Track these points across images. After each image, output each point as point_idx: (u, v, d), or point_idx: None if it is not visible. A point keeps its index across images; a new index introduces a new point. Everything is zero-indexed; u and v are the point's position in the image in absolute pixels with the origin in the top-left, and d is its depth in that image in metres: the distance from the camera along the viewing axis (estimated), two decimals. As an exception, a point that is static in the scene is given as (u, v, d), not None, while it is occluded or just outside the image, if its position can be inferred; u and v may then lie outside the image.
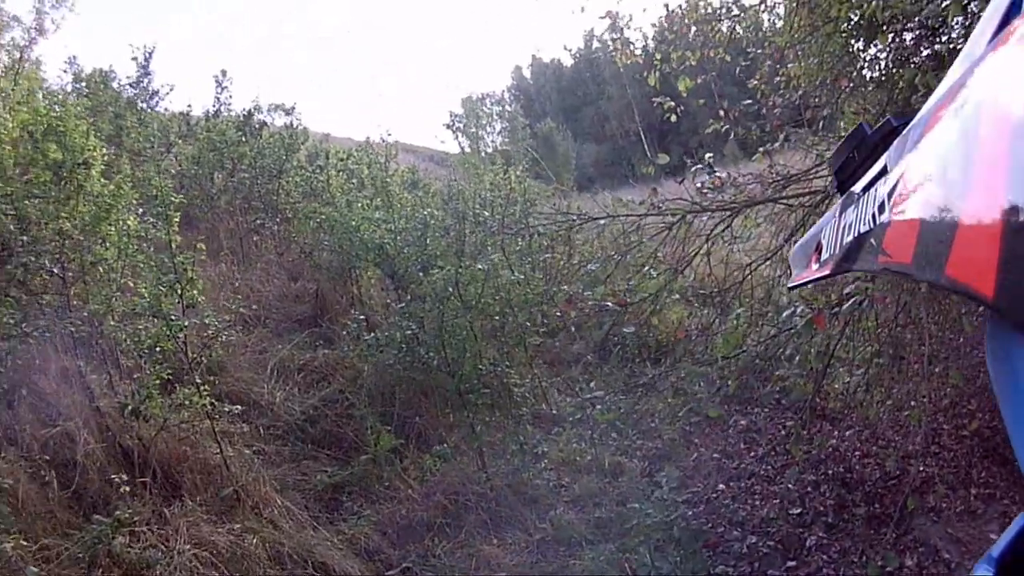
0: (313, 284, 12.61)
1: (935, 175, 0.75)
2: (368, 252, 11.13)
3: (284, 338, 10.96)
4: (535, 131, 44.94)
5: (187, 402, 7.40)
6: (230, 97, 16.15)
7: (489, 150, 42.85)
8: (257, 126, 15.30)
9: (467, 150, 36.89)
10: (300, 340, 10.91)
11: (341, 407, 9.71)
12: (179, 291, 7.49)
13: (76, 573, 6.11)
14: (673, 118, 9.16)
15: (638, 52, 10.30)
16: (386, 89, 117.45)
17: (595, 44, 60.09)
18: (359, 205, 11.79)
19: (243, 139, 14.47)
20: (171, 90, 16.22)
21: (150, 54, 16.30)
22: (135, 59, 16.21)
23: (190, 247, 8.23)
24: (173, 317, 7.41)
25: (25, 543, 5.81)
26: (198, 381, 7.58)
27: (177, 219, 7.92)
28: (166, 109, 16.55)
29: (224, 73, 16.36)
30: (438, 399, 9.78)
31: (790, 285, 1.65)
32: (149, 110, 15.98)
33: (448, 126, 42.03)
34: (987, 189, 0.58)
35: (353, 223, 11.09)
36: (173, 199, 7.91)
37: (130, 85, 16.17)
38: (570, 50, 67.59)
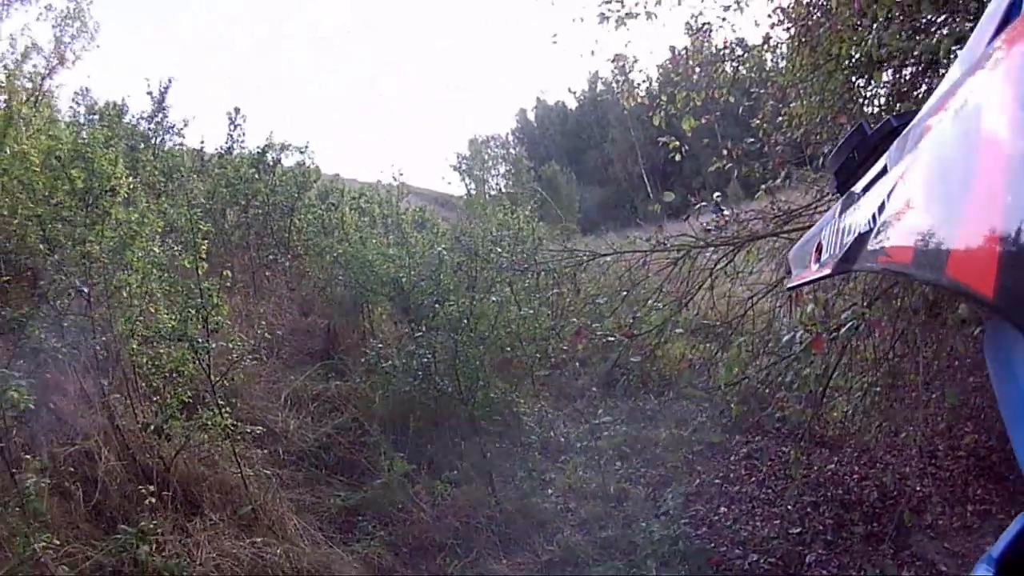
0: (324, 319, 12.88)
1: (935, 175, 0.77)
2: (383, 286, 11.48)
3: (297, 370, 11.22)
4: (539, 174, 45.25)
5: (208, 423, 7.61)
6: (243, 134, 16.42)
7: (493, 192, 43.18)
8: (271, 163, 15.49)
9: (472, 192, 37.22)
10: (313, 372, 11.17)
11: (354, 435, 9.95)
12: (204, 316, 7.78)
13: (101, 578, 6.33)
14: (678, 157, 9.35)
15: (643, 94, 10.63)
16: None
17: (600, 87, 60.63)
18: (373, 241, 12.17)
19: (257, 176, 14.70)
20: (186, 125, 16.45)
21: (166, 89, 16.45)
22: (150, 93, 16.35)
23: (215, 275, 8.50)
24: (198, 340, 7.68)
25: (51, 550, 6.03)
26: (220, 402, 7.84)
27: (204, 247, 8.15)
28: (181, 144, 16.72)
29: (237, 111, 16.60)
30: (449, 427, 10.02)
31: (790, 285, 1.70)
32: (164, 144, 16.19)
33: (455, 167, 42.54)
34: (987, 189, 0.59)
35: (368, 258, 11.45)
36: (201, 227, 8.20)
37: (145, 119, 16.33)
38: (575, 93, 67.29)
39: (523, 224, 14.63)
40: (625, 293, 9.06)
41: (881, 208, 0.91)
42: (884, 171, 0.97)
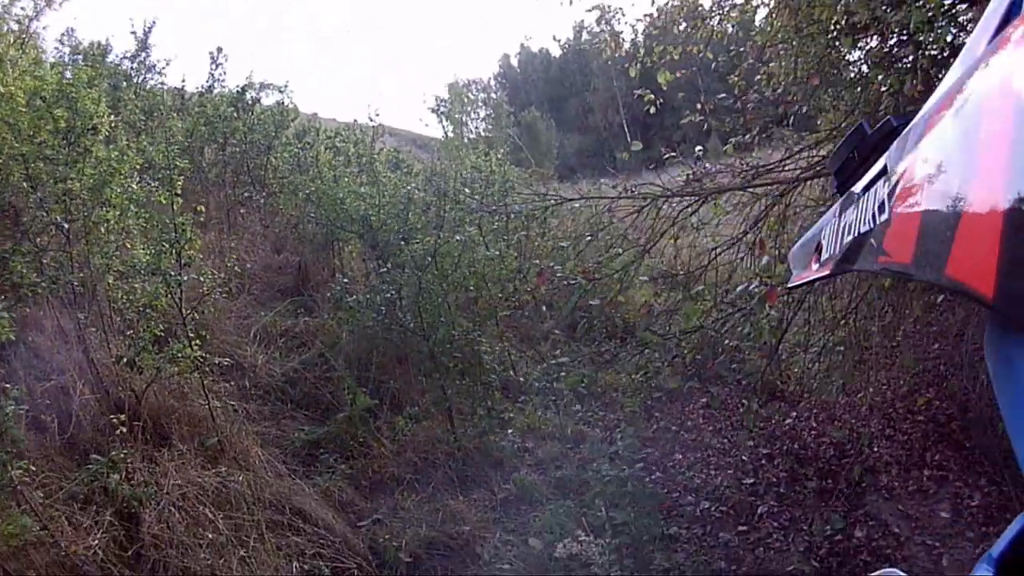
0: (296, 256, 12.96)
1: (935, 175, 0.76)
2: (353, 224, 11.52)
3: (267, 306, 11.32)
4: (519, 119, 45.04)
5: (179, 356, 7.66)
6: (224, 73, 16.30)
7: (472, 136, 42.92)
8: (250, 102, 15.40)
9: (450, 135, 36.95)
10: (282, 308, 11.28)
11: (320, 370, 10.04)
12: (177, 250, 7.84)
13: (75, 507, 6.45)
14: (652, 110, 9.49)
15: (627, 45, 10.64)
16: (386, 89, 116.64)
17: (585, 36, 59.94)
18: (345, 180, 12.17)
19: (236, 115, 14.63)
20: (167, 64, 16.30)
21: (150, 28, 16.34)
22: (134, 33, 16.27)
23: (189, 211, 8.58)
24: (171, 274, 7.74)
25: (27, 478, 6.12)
26: (190, 335, 7.92)
27: (180, 182, 8.22)
28: (162, 84, 16.63)
29: (220, 50, 16.42)
30: (412, 364, 10.14)
31: (789, 285, 1.67)
32: (146, 83, 16.12)
33: (433, 110, 42.08)
34: (987, 189, 0.59)
35: (340, 196, 11.48)
36: (178, 163, 8.23)
37: (128, 58, 16.25)
38: (559, 41, 67.29)
39: (495, 167, 14.65)
40: (589, 238, 9.06)
41: (881, 208, 0.92)
42: (884, 171, 0.97)
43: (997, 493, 7.57)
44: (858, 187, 1.10)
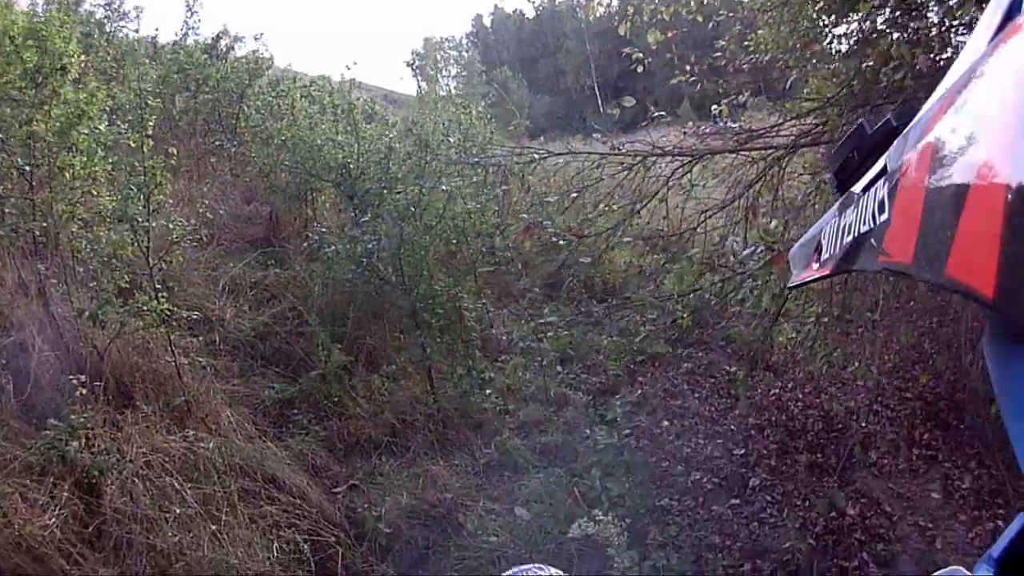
0: (267, 206, 12.35)
1: (935, 175, 0.72)
2: (330, 172, 10.86)
3: (236, 257, 10.70)
4: (490, 79, 44.47)
5: (144, 308, 7.15)
6: (199, 21, 15.62)
7: (443, 94, 42.37)
8: (224, 50, 14.97)
9: (425, 91, 36.21)
10: (252, 259, 10.66)
11: (291, 325, 9.47)
12: (146, 195, 7.22)
13: (29, 479, 5.89)
14: (639, 69, 8.98)
15: (604, 6, 10.30)
16: (358, 45, 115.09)
17: None
18: (323, 127, 11.49)
19: (209, 62, 14.13)
20: (140, 12, 15.64)
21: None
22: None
23: (161, 155, 7.95)
24: (139, 220, 7.15)
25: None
26: (157, 287, 7.33)
27: (152, 124, 7.67)
28: (135, 31, 16.12)
29: (195, -5, 15.73)
30: (389, 320, 9.60)
31: (790, 285, 1.62)
32: (118, 32, 15.55)
33: (409, 64, 41.21)
34: (987, 189, 0.57)
35: (317, 143, 10.80)
36: (149, 103, 7.62)
37: (103, 6, 15.71)
38: (533, 2, 66.30)
39: (475, 120, 14.00)
40: (575, 195, 8.65)
41: (881, 208, 0.88)
42: (884, 171, 0.92)
43: (987, 477, 7.50)
44: (858, 187, 1.06)
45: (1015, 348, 0.64)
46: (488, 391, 8.85)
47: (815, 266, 1.24)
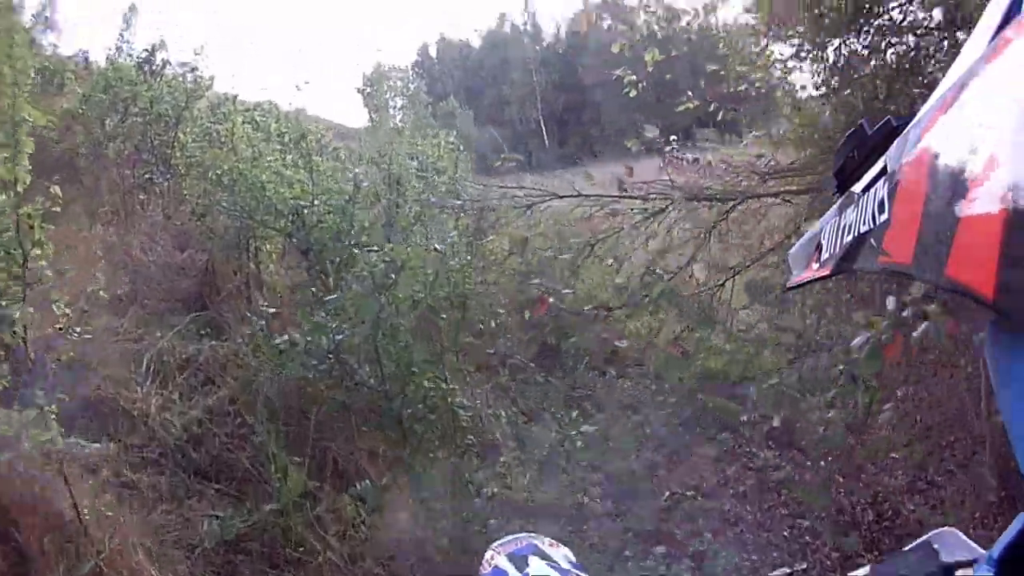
0: (203, 254, 10.01)
1: (935, 175, 0.72)
2: (278, 218, 8.59)
3: (165, 322, 8.34)
4: (435, 111, 43.04)
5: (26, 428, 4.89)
6: (134, 35, 13.42)
7: (390, 126, 40.55)
8: (160, 65, 12.76)
9: (376, 120, 34.24)
10: (184, 328, 8.30)
11: (233, 424, 7.21)
12: (20, 259, 5.09)
13: None
14: (633, 93, 7.94)
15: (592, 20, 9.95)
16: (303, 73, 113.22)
17: (507, 28, 60.09)
18: (269, 159, 9.13)
19: (142, 79, 12.04)
20: (73, 27, 13.49)
21: (56, -8, 13.45)
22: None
23: (44, 193, 5.61)
24: (3, 303, 4.94)
25: None
26: (40, 390, 5.11)
27: (30, 147, 5.46)
28: (54, 45, 13.71)
29: (132, 8, 13.62)
30: (358, 412, 7.33)
31: (789, 285, 1.46)
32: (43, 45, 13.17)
33: (360, 90, 39.09)
34: (987, 189, 0.58)
35: (261, 179, 8.52)
36: (26, 117, 5.42)
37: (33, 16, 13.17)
38: (479, 32, 65.64)
39: (443, 153, 11.98)
40: (589, 248, 7.40)
41: (881, 208, 0.88)
42: (884, 171, 0.92)
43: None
44: (858, 187, 1.06)
45: (1015, 348, 0.64)
46: (493, 520, 6.67)
47: (815, 266, 1.22)
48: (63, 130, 10.45)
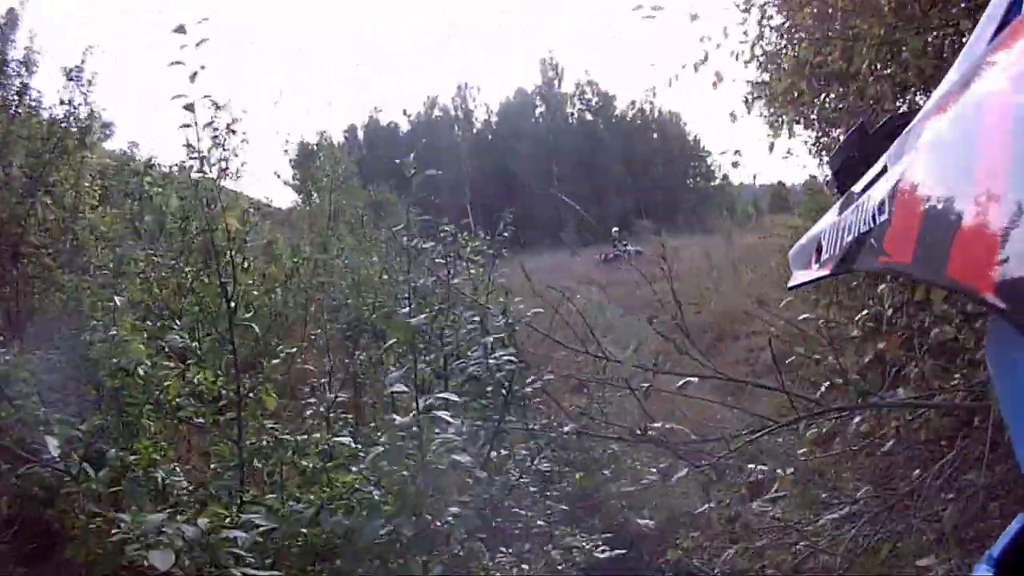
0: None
1: (935, 175, 0.73)
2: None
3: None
4: (371, 195, 41.28)
5: None
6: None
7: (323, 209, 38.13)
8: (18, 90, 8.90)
9: (299, 204, 31.34)
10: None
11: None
12: None
13: None
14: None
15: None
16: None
17: (437, 112, 60.32)
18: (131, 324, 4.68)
19: None
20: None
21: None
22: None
23: None
24: None
25: None
26: None
27: None
28: None
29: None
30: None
31: (789, 286, 1.47)
32: None
33: (293, 163, 36.28)
34: (987, 189, 0.57)
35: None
36: None
37: None
38: (409, 115, 66.30)
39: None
40: None
41: (881, 208, 0.86)
42: (884, 171, 0.93)
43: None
44: (858, 187, 1.07)
45: (1016, 348, 0.62)
46: None
47: (815, 266, 1.22)
48: None
